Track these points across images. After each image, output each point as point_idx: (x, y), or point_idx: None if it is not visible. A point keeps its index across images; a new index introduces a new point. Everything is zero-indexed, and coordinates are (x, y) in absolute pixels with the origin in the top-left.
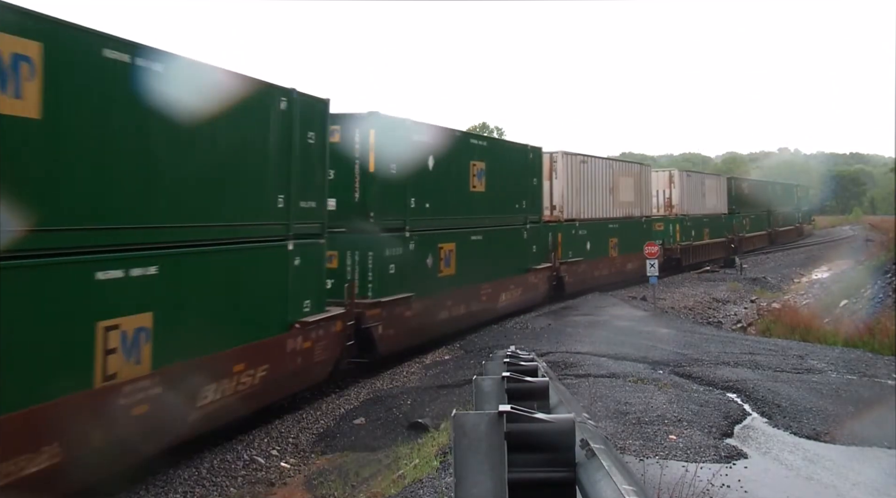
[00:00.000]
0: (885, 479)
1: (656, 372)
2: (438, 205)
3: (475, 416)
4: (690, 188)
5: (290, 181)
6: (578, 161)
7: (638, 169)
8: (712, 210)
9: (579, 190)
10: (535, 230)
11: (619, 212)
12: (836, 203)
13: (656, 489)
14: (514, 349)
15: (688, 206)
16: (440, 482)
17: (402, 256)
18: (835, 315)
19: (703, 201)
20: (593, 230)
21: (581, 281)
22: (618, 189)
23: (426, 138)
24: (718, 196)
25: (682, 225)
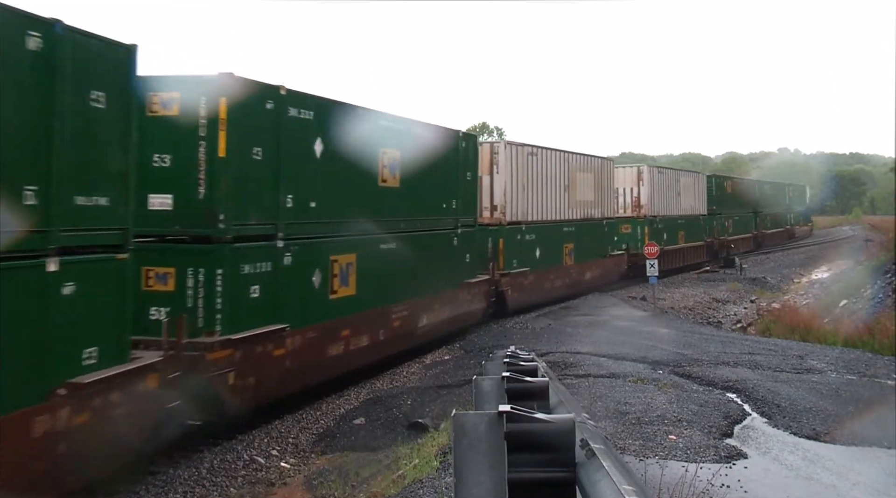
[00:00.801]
0: (885, 479)
1: (656, 372)
2: (330, 204)
3: (475, 416)
4: (663, 186)
5: (50, 165)
6: (525, 153)
7: (599, 164)
8: (689, 211)
9: (527, 187)
10: (469, 235)
11: (575, 213)
12: (836, 203)
13: (656, 489)
14: (513, 349)
15: (659, 206)
16: (440, 482)
17: (271, 275)
18: (835, 315)
19: (678, 201)
20: (544, 234)
21: (528, 295)
22: (575, 186)
23: (311, 114)
24: (697, 195)
25: (651, 227)
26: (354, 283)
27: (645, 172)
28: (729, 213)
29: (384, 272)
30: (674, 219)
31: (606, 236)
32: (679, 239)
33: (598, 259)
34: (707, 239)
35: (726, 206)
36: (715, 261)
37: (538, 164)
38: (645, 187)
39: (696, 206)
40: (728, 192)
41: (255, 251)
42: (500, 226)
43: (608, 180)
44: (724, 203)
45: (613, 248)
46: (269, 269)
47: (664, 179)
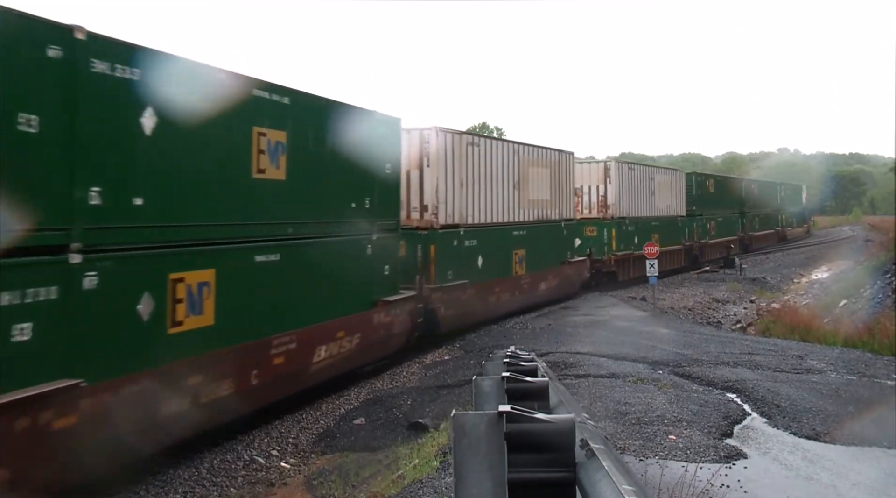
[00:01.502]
0: (885, 479)
1: (656, 372)
2: (170, 201)
3: (475, 416)
4: (634, 184)
5: None
6: (465, 143)
7: (557, 157)
8: (665, 211)
9: (466, 183)
10: (389, 242)
11: (528, 214)
12: (836, 203)
13: (656, 489)
14: (513, 349)
15: (630, 206)
16: (440, 482)
17: (57, 305)
18: (834, 315)
19: (653, 201)
20: (488, 240)
21: (467, 313)
22: (527, 183)
23: (137, 72)
24: (674, 195)
25: (620, 230)
26: (212, 309)
27: (612, 168)
28: (712, 214)
29: (261, 293)
30: (647, 220)
31: (566, 241)
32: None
33: (556, 267)
34: (686, 242)
35: (709, 207)
36: (694, 266)
37: (481, 157)
38: (612, 185)
39: (674, 206)
40: (711, 191)
41: (19, 271)
42: (431, 230)
43: (568, 177)
44: (707, 203)
45: (574, 253)
46: (55, 296)
47: (635, 177)
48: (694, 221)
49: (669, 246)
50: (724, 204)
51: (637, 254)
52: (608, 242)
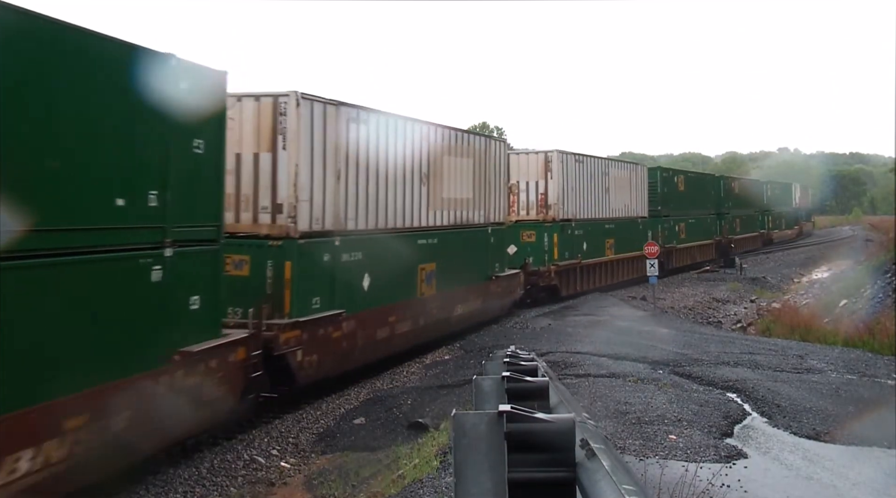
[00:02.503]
0: (885, 479)
1: (656, 372)
2: None
3: (475, 416)
4: (582, 180)
5: None
6: (343, 119)
7: (482, 145)
8: (623, 212)
9: (345, 175)
10: (200, 260)
11: (441, 216)
12: (836, 203)
13: (656, 489)
14: (513, 349)
15: (577, 206)
16: (440, 482)
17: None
18: (835, 315)
19: (607, 200)
20: (380, 252)
21: (340, 357)
22: (440, 177)
23: None
24: (635, 193)
25: (563, 235)
26: None
27: (554, 160)
28: (681, 215)
29: None
30: (598, 223)
31: (494, 250)
32: (606, 249)
33: (480, 283)
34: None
35: (677, 207)
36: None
37: (371, 139)
38: (554, 181)
39: (634, 206)
40: (680, 189)
41: None
42: (286, 239)
43: (499, 170)
44: (675, 203)
45: (503, 266)
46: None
47: (584, 171)
48: (659, 223)
49: (627, 253)
50: (698, 204)
51: (587, 263)
52: (549, 250)
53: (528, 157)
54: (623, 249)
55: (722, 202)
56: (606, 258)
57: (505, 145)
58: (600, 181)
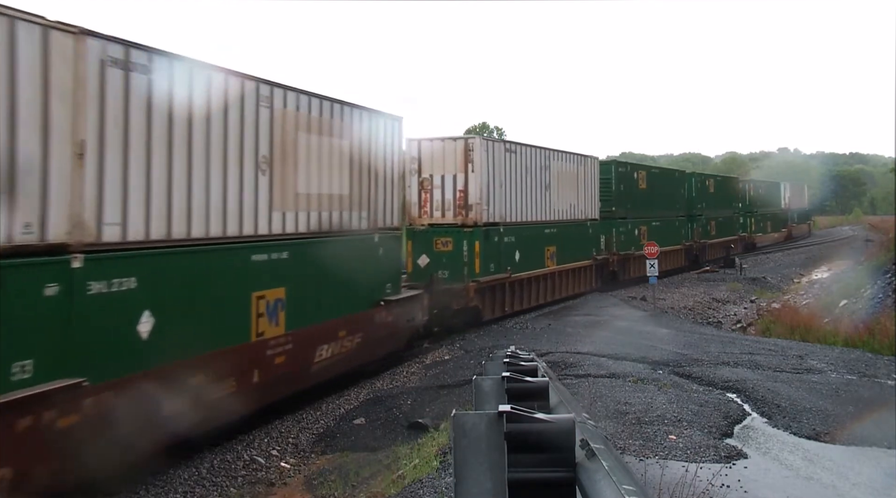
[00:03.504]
0: (885, 479)
1: (656, 372)
2: None
3: (475, 416)
4: (514, 174)
5: None
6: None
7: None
8: (568, 214)
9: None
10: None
11: (293, 220)
12: (836, 203)
13: (656, 489)
14: (513, 349)
15: (507, 206)
16: (440, 482)
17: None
18: (835, 315)
19: (547, 199)
20: (172, 277)
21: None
22: (291, 163)
23: None
24: (583, 191)
25: (489, 242)
26: None
27: (476, 149)
28: (643, 217)
29: None
30: (537, 227)
31: (383, 264)
32: (547, 259)
33: (358, 313)
34: (598, 256)
35: (638, 208)
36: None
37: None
38: (476, 174)
39: (583, 207)
40: (642, 187)
41: None
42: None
43: (391, 157)
44: (635, 203)
45: (397, 285)
46: None
47: (518, 163)
48: (614, 227)
49: (573, 262)
50: (664, 204)
51: (519, 277)
52: (468, 261)
53: (445, 144)
54: (568, 258)
55: (694, 202)
56: (546, 270)
57: (400, 124)
58: (539, 176)
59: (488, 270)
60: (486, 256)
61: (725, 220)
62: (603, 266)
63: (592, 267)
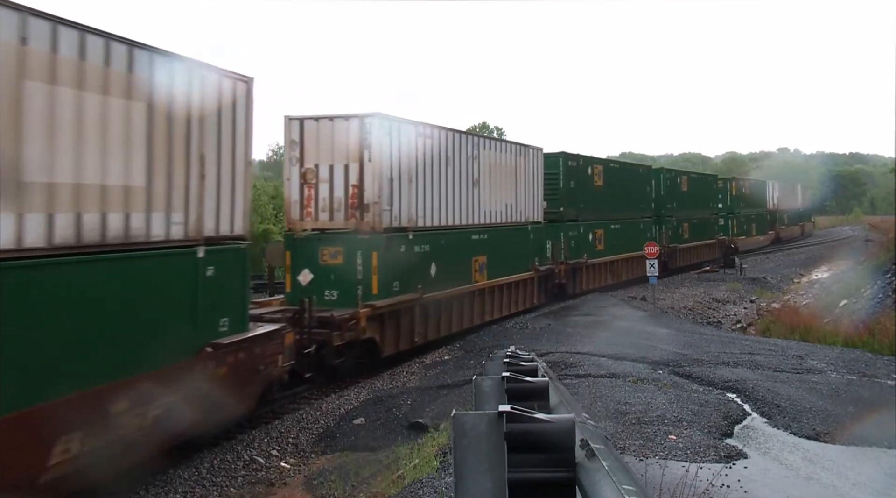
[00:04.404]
0: (885, 479)
1: (656, 372)
2: None
3: (475, 416)
4: (430, 166)
5: None
6: None
7: (181, 83)
8: (503, 216)
9: None
10: None
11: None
12: (836, 203)
13: (656, 489)
14: (513, 349)
15: (419, 206)
16: (440, 482)
17: None
18: (835, 315)
19: (476, 197)
20: None
21: None
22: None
23: None
24: (524, 188)
25: (392, 253)
26: None
27: (375, 132)
28: (598, 220)
29: None
30: (461, 233)
31: (210, 292)
32: (473, 273)
33: (158, 371)
34: (541, 267)
35: (592, 209)
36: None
37: None
38: (376, 166)
39: (522, 206)
40: (597, 185)
41: None
42: None
43: (233, 135)
44: (588, 203)
45: (235, 324)
46: None
47: (435, 152)
48: (562, 231)
49: (509, 275)
50: (626, 204)
51: (431, 297)
52: (364, 279)
53: (335, 125)
54: (502, 270)
55: (662, 202)
56: (473, 286)
57: (249, 89)
58: (465, 169)
59: (390, 289)
60: (387, 271)
61: (701, 221)
62: (548, 278)
63: (534, 280)
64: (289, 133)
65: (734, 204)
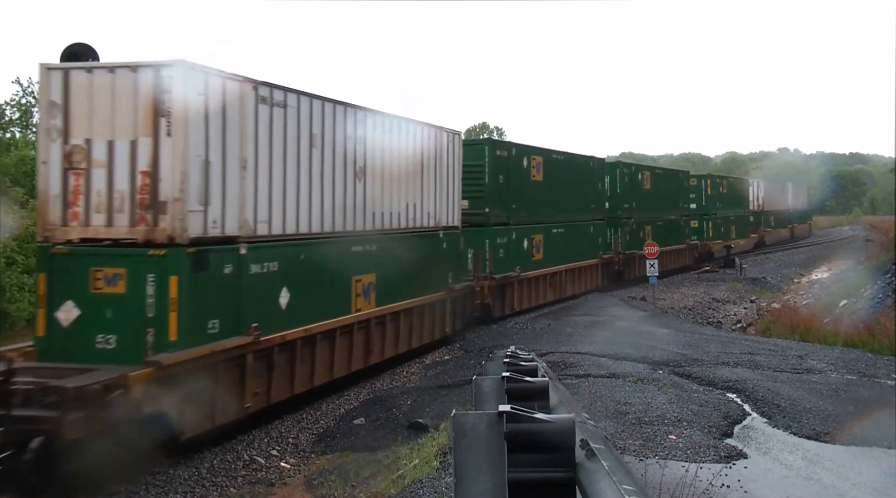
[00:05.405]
0: (885, 479)
1: (656, 372)
2: None
3: (475, 416)
4: (280, 148)
5: None
6: None
7: None
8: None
9: None
10: None
11: None
12: (836, 203)
13: (656, 489)
14: (513, 349)
15: (259, 206)
16: (440, 482)
17: None
18: (835, 315)
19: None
20: None
21: None
22: None
23: None
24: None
25: (209, 278)
26: None
27: (178, 89)
28: (534, 223)
29: None
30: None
31: None
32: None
33: None
34: (457, 284)
35: (527, 209)
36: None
37: None
38: (178, 141)
39: (431, 207)
40: (535, 180)
41: None
42: None
43: None
44: (522, 202)
45: None
46: None
47: (291, 129)
48: (487, 237)
49: (412, 298)
50: (571, 204)
51: (276, 339)
52: (158, 319)
53: (115, 79)
54: (400, 291)
55: (618, 202)
56: (353, 316)
57: None
58: (341, 154)
59: (202, 332)
60: (197, 304)
61: (668, 224)
62: (467, 298)
63: (447, 301)
64: (46, 91)
65: (710, 204)
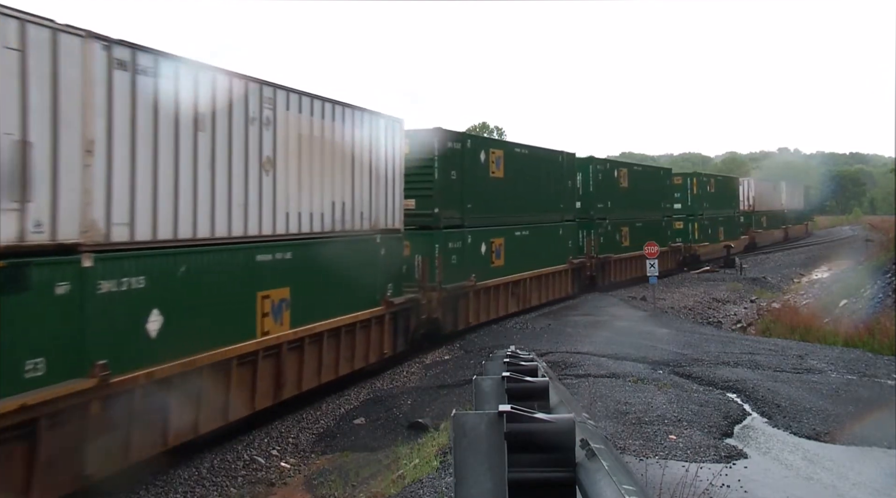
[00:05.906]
0: (885, 479)
1: (656, 372)
2: None
3: (475, 416)
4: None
5: None
6: None
7: None
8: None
9: None
10: None
11: None
12: (836, 203)
13: (657, 489)
14: (514, 349)
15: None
16: (440, 482)
17: None
18: (835, 315)
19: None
20: None
21: None
22: None
23: None
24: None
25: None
26: None
27: None
28: (495, 225)
29: None
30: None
31: None
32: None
33: None
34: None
35: (486, 209)
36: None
37: None
38: None
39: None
40: (494, 176)
41: None
42: None
43: None
44: (480, 201)
45: None
46: None
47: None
48: (437, 242)
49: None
50: (537, 204)
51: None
52: None
53: None
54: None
55: (592, 202)
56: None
57: None
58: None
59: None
60: (5, 339)
61: (648, 225)
62: (411, 313)
63: (385, 318)
64: None
65: (696, 204)
